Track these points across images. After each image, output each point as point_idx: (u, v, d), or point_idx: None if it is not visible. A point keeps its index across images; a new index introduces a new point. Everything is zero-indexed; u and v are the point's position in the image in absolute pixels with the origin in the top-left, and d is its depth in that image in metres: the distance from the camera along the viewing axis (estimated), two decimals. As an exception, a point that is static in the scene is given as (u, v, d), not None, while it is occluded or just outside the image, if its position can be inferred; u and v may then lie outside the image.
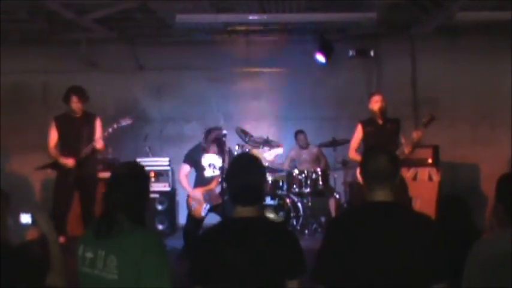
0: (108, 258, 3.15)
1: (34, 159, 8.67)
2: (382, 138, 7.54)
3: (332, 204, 9.87)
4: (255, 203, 3.32)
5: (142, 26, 10.51)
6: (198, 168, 8.21)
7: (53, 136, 8.07)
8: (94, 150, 8.09)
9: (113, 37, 10.75)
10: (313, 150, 10.61)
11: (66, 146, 8.01)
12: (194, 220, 8.09)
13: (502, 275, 3.13)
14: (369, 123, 7.85)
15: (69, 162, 7.84)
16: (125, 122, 8.18)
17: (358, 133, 7.89)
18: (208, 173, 8.18)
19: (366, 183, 3.26)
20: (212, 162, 8.20)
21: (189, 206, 8.13)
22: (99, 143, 8.01)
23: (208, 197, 8.03)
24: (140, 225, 3.27)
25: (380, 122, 7.76)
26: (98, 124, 8.19)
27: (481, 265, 3.22)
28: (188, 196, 8.19)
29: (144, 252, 3.12)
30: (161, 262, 3.16)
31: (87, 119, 8.13)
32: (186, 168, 8.28)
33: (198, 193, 8.07)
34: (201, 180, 8.20)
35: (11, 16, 9.07)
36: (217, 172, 8.12)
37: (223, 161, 7.99)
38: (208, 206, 8.03)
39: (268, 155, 8.38)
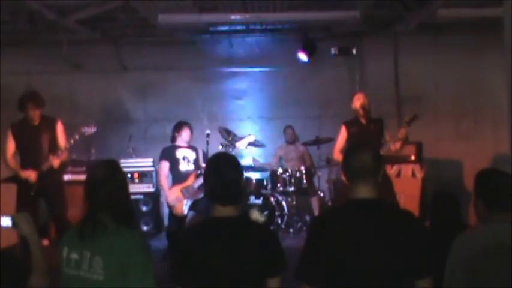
0: (94, 259, 3.15)
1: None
2: (366, 139, 7.52)
3: (315, 203, 9.88)
4: (235, 201, 3.32)
5: (125, 26, 10.49)
6: (174, 162, 8.24)
7: (10, 146, 7.40)
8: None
9: (96, 38, 10.72)
10: (300, 148, 10.62)
11: (25, 156, 7.39)
12: (177, 219, 8.08)
13: (483, 268, 3.16)
14: (352, 124, 7.81)
15: (31, 175, 7.20)
16: (88, 130, 7.35)
17: (343, 134, 7.85)
18: (183, 167, 8.22)
19: (349, 179, 3.27)
20: (186, 155, 8.25)
21: (169, 206, 8.14)
22: (55, 162, 7.23)
23: (187, 193, 8.03)
24: (125, 225, 3.26)
25: (364, 122, 7.74)
26: (59, 129, 7.50)
27: (463, 259, 3.26)
28: (167, 195, 8.19)
29: (129, 252, 3.12)
30: (146, 262, 3.17)
31: (47, 125, 7.43)
32: (165, 166, 8.30)
33: (175, 192, 8.07)
34: (177, 177, 8.22)
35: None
36: (191, 166, 8.23)
37: (197, 155, 8.19)
38: (189, 202, 8.04)
39: (241, 145, 8.33)
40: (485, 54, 10.87)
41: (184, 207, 8.03)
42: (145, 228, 10.01)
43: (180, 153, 8.27)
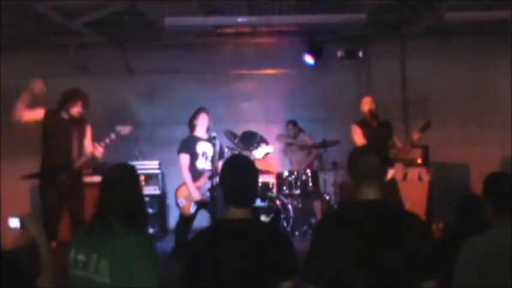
0: (100, 261, 3.16)
1: (24, 164, 8.49)
2: (377, 141, 7.51)
3: (318, 206, 9.85)
4: (250, 203, 3.36)
5: (131, 29, 10.49)
6: (193, 156, 8.06)
7: (38, 111, 7.22)
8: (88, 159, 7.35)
9: (103, 41, 10.73)
10: (303, 138, 10.59)
11: (54, 148, 7.21)
12: (184, 219, 8.02)
13: (491, 272, 3.15)
14: (363, 125, 7.78)
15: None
16: (124, 131, 7.40)
17: (359, 133, 7.76)
18: (200, 164, 8.05)
19: (354, 181, 3.28)
20: (205, 151, 8.07)
21: (177, 204, 8.06)
22: (98, 151, 7.21)
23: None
24: (134, 228, 3.26)
25: (374, 124, 7.74)
26: (89, 130, 7.50)
27: (471, 263, 3.25)
28: (176, 192, 8.11)
29: (136, 256, 3.13)
30: (152, 267, 3.18)
31: (79, 123, 7.36)
32: (186, 159, 8.08)
33: (186, 191, 7.98)
34: (192, 173, 8.12)
35: (-1, 20, 9.03)
36: (208, 164, 8.01)
37: (214, 151, 7.89)
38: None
39: (258, 154, 8.29)
40: (492, 58, 10.87)
41: (192, 207, 7.98)
42: (151, 230, 9.98)
43: (200, 148, 8.08)
